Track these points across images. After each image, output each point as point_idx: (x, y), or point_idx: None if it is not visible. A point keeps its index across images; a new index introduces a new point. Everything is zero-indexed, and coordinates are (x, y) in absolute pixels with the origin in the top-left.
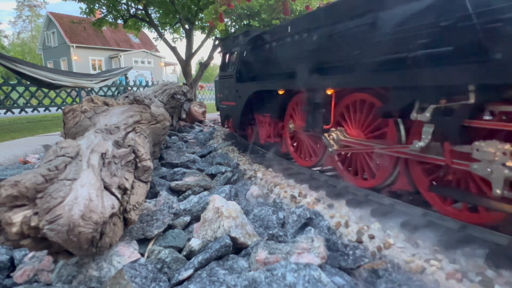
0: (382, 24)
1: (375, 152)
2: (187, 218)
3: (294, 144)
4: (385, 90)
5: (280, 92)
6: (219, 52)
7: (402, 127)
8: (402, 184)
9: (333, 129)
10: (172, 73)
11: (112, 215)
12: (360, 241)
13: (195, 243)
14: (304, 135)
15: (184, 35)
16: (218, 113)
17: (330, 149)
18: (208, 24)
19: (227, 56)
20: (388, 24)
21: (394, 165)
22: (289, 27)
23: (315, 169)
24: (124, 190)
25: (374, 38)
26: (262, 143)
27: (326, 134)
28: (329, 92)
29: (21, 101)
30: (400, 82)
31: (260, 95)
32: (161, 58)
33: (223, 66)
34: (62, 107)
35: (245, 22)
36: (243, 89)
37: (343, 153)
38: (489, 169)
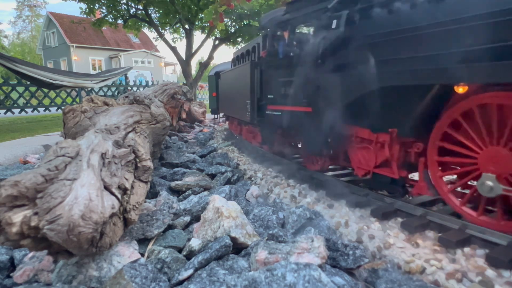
0: None
1: None
2: (187, 218)
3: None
4: None
5: (461, 90)
6: (261, 29)
7: None
8: None
9: None
10: (172, 73)
11: (112, 215)
12: (360, 241)
13: (195, 243)
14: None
15: (184, 35)
16: (214, 116)
17: None
18: (208, 24)
19: (285, 31)
20: None
21: None
22: None
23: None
24: (124, 190)
25: None
26: (361, 176)
27: None
28: None
29: (21, 101)
30: None
31: (380, 96)
32: (161, 58)
33: (272, 49)
34: (62, 107)
35: (245, 22)
36: (342, 84)
37: None
38: None
